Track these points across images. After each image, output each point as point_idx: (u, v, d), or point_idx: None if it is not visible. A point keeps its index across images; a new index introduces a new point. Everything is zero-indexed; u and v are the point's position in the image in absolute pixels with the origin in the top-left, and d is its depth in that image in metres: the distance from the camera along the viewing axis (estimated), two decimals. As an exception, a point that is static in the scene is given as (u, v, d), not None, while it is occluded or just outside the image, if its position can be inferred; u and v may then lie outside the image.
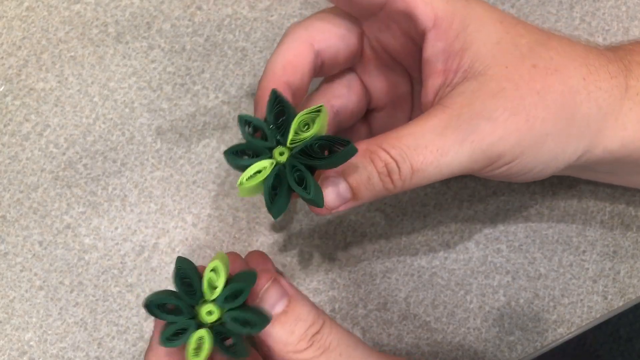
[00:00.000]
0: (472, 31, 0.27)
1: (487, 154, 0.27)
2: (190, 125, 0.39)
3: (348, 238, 0.38)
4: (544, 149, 0.27)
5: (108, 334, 0.37)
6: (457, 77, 0.28)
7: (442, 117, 0.27)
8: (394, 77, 0.33)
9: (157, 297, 0.25)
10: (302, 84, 0.30)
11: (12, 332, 0.37)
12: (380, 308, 0.37)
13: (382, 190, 0.27)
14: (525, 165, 0.28)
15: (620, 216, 0.38)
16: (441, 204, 0.38)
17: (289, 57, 0.29)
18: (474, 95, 0.27)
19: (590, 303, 0.37)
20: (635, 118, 0.28)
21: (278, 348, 0.26)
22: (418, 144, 0.26)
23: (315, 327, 0.27)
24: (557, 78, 0.27)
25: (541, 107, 0.27)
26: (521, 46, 0.28)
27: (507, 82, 0.27)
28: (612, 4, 0.40)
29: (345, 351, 0.27)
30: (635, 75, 0.29)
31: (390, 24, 0.30)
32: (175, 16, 0.40)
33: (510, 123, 0.26)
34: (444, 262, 0.37)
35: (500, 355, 0.37)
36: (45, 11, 0.40)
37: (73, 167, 0.38)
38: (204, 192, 0.38)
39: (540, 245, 0.37)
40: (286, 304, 0.26)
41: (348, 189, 0.27)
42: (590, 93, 0.28)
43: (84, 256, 0.38)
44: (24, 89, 0.39)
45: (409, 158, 0.26)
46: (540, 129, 0.27)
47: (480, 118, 0.26)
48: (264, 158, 0.26)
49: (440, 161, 0.26)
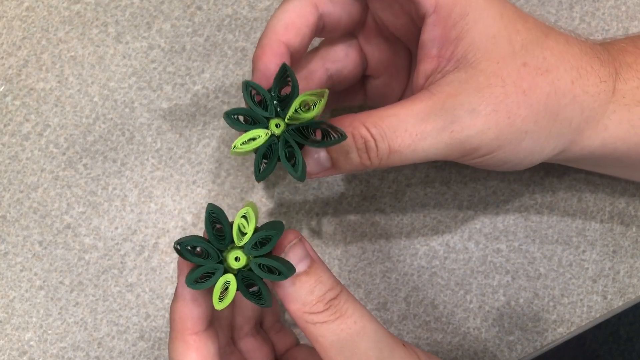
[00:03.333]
0: (470, 21, 0.28)
1: (464, 145, 0.28)
2: (190, 125, 0.39)
3: (348, 238, 0.38)
4: (521, 146, 0.28)
5: (108, 334, 0.37)
6: (449, 65, 0.28)
7: (427, 103, 0.27)
8: (393, 48, 0.33)
9: (187, 239, 0.25)
10: (302, 45, 0.30)
11: (12, 332, 0.37)
12: (380, 308, 0.37)
13: (359, 165, 0.28)
14: (501, 159, 0.29)
15: (620, 216, 0.38)
16: (441, 204, 0.38)
17: (292, 16, 0.29)
18: (461, 87, 0.27)
19: (590, 303, 0.37)
20: (617, 120, 0.29)
21: (295, 307, 0.27)
22: (399, 126, 0.27)
23: (333, 292, 0.27)
24: (546, 79, 0.28)
25: (524, 105, 0.27)
26: (515, 43, 0.28)
27: (494, 78, 0.27)
28: (612, 4, 0.40)
29: (360, 320, 0.27)
30: (624, 78, 0.29)
31: (393, 4, 0.31)
32: (175, 16, 0.40)
33: (491, 118, 0.27)
34: (444, 262, 0.37)
35: (500, 355, 0.37)
36: (45, 11, 0.40)
37: (73, 167, 0.38)
38: (204, 192, 0.38)
39: (540, 245, 0.37)
40: (309, 265, 0.27)
41: (328, 159, 0.28)
42: (576, 97, 0.28)
43: (84, 256, 0.38)
44: (24, 89, 0.39)
45: (387, 139, 0.27)
46: (520, 126, 0.28)
47: (462, 110, 0.27)
48: (261, 127, 0.27)
49: (417, 145, 0.27)
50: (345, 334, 0.27)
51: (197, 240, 0.25)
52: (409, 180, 0.38)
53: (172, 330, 0.28)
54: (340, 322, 0.27)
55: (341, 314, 0.27)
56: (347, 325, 0.27)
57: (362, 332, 0.27)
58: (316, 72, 0.33)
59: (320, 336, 0.27)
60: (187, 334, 0.27)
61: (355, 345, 0.26)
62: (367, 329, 0.27)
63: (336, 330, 0.27)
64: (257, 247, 0.25)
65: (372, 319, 0.28)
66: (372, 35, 0.33)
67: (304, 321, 0.27)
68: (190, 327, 0.27)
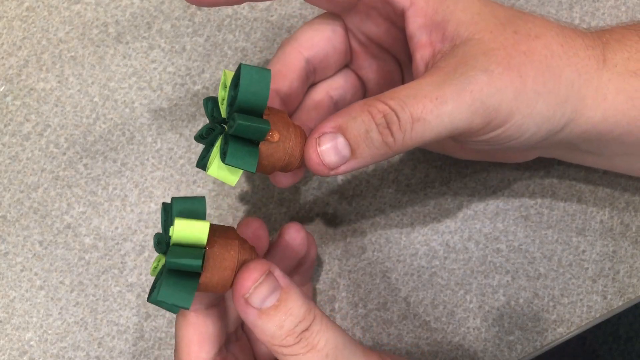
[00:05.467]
0: (449, 4, 0.28)
1: (486, 105, 0.27)
2: (190, 125, 0.39)
3: (348, 238, 0.38)
4: (536, 109, 0.28)
5: (108, 334, 0.37)
6: (445, 46, 0.28)
7: (439, 74, 0.27)
8: (385, 66, 0.34)
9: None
10: (291, 89, 0.31)
11: (12, 332, 0.37)
12: (380, 308, 0.37)
13: (382, 145, 0.26)
14: (520, 127, 0.28)
15: (620, 216, 0.38)
16: (441, 204, 0.38)
17: (277, 67, 0.31)
18: (466, 55, 0.27)
19: (590, 303, 0.37)
20: (615, 89, 0.29)
21: (265, 340, 0.26)
22: (418, 93, 0.26)
23: (304, 323, 0.26)
24: (540, 43, 0.28)
25: (530, 66, 0.28)
26: (500, 17, 0.29)
27: (494, 44, 0.27)
28: (612, 4, 0.40)
29: (332, 352, 0.26)
30: (613, 48, 0.30)
31: (370, 12, 0.31)
32: (175, 16, 0.40)
33: (505, 76, 0.27)
34: (444, 262, 0.37)
35: (500, 354, 0.37)
36: (45, 11, 0.40)
37: (73, 167, 0.38)
38: (204, 192, 0.38)
39: (540, 245, 0.37)
40: (278, 297, 0.26)
41: (346, 145, 0.26)
42: (570, 58, 0.29)
43: (85, 256, 0.38)
44: (24, 89, 0.39)
45: (408, 107, 0.26)
46: (532, 86, 0.27)
47: (476, 70, 0.27)
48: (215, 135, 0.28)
49: (441, 110, 0.26)
50: None
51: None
52: (409, 180, 0.38)
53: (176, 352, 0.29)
54: (311, 355, 0.26)
55: (312, 346, 0.26)
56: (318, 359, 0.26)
57: None
58: (322, 101, 0.33)
59: None
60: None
61: None
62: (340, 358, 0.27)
63: None
64: None
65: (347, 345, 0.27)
66: (360, 59, 0.33)
67: (275, 352, 0.26)
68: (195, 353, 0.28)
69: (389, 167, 0.38)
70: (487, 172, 0.38)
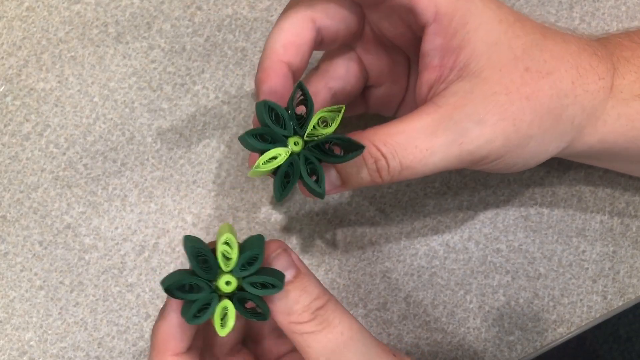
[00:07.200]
0: (470, 29, 0.28)
1: (474, 155, 0.28)
2: (190, 125, 0.39)
3: (348, 238, 0.38)
4: (527, 149, 0.29)
5: (108, 334, 0.37)
6: (452, 75, 0.28)
7: (434, 116, 0.28)
8: (392, 56, 0.34)
9: (174, 278, 0.25)
10: (302, 62, 0.30)
11: (12, 332, 0.37)
12: (380, 308, 0.37)
13: (370, 182, 0.29)
14: (508, 163, 0.29)
15: (620, 216, 0.38)
16: (441, 204, 0.38)
17: (290, 36, 0.29)
18: (466, 97, 0.28)
19: (590, 303, 0.37)
20: (616, 115, 0.29)
21: (282, 318, 0.27)
22: (409, 143, 0.27)
23: (319, 301, 0.27)
24: (548, 82, 0.28)
25: (529, 111, 0.28)
26: (516, 48, 0.28)
27: (498, 86, 0.28)
28: (612, 4, 0.40)
29: (347, 331, 0.27)
30: (621, 73, 0.30)
31: (392, 14, 0.30)
32: (175, 16, 0.40)
33: (498, 127, 0.28)
34: (444, 262, 0.37)
35: (500, 355, 0.37)
36: (45, 11, 0.40)
37: (73, 167, 0.38)
38: (204, 192, 0.38)
39: (540, 245, 0.37)
40: (293, 274, 0.27)
41: (338, 178, 0.29)
42: (577, 96, 0.29)
43: (84, 256, 0.38)
44: (24, 89, 0.39)
45: (398, 156, 0.27)
46: (526, 131, 0.28)
47: (470, 121, 0.27)
48: (280, 145, 0.26)
49: (429, 160, 0.28)
50: (332, 344, 0.26)
51: (184, 278, 0.25)
52: (408, 180, 0.38)
53: (152, 350, 0.28)
54: (327, 333, 0.26)
55: (328, 324, 0.27)
56: (333, 336, 0.26)
57: (349, 343, 0.26)
58: (319, 92, 0.33)
59: (307, 347, 0.26)
60: (169, 354, 0.27)
61: (342, 356, 0.26)
62: (355, 339, 0.27)
63: (323, 341, 0.26)
64: (246, 267, 0.25)
65: (361, 328, 0.27)
66: (370, 44, 0.33)
67: (292, 332, 0.27)
68: (172, 347, 0.27)
69: (389, 167, 0.38)
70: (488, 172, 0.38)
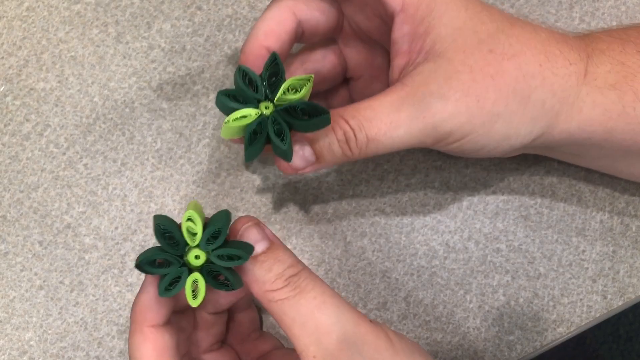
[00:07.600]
0: (436, 16, 0.29)
1: (438, 130, 0.29)
2: (190, 125, 0.39)
3: (348, 238, 0.38)
4: (495, 129, 0.29)
5: (108, 334, 0.37)
6: (420, 58, 0.30)
7: (400, 93, 0.29)
8: (371, 50, 0.35)
9: (146, 255, 0.26)
10: (282, 49, 0.32)
11: (12, 332, 0.37)
12: (380, 308, 0.37)
13: (342, 156, 0.30)
14: (477, 143, 0.30)
15: (620, 216, 0.38)
16: (441, 204, 0.38)
17: (272, 24, 0.32)
18: (430, 76, 0.29)
19: (590, 302, 0.37)
20: (591, 102, 0.30)
21: (257, 287, 0.27)
22: (375, 117, 0.29)
23: (293, 269, 0.28)
24: (513, 63, 0.29)
25: (493, 89, 0.29)
26: (481, 32, 0.29)
27: (462, 66, 0.29)
28: (612, 4, 0.40)
29: (320, 296, 0.27)
30: (595, 62, 0.30)
31: (364, 8, 0.32)
32: (175, 16, 0.40)
33: (461, 103, 0.29)
34: (444, 261, 0.37)
35: (500, 354, 0.37)
36: (45, 11, 0.40)
37: (73, 166, 0.38)
38: (204, 192, 0.38)
39: (539, 245, 0.37)
40: (267, 246, 0.28)
41: (312, 153, 0.30)
42: (546, 79, 0.29)
43: (84, 256, 0.38)
44: (24, 89, 0.39)
45: (365, 128, 0.29)
46: (490, 109, 0.29)
47: (433, 97, 0.29)
48: (251, 107, 0.28)
49: (393, 133, 0.29)
50: (305, 309, 0.27)
51: (155, 254, 0.26)
52: (408, 180, 0.38)
53: (132, 323, 0.28)
54: (299, 298, 0.27)
55: (301, 290, 0.27)
56: (306, 301, 0.27)
57: (322, 307, 0.27)
58: (295, 72, 0.35)
59: (282, 314, 0.27)
60: (146, 325, 0.28)
61: (316, 320, 0.27)
62: (328, 303, 0.27)
63: (296, 306, 0.27)
64: (211, 241, 0.27)
65: (334, 294, 0.28)
66: (349, 38, 0.35)
67: (267, 300, 0.27)
68: (149, 319, 0.28)
69: (389, 167, 0.38)
70: (487, 172, 0.38)
